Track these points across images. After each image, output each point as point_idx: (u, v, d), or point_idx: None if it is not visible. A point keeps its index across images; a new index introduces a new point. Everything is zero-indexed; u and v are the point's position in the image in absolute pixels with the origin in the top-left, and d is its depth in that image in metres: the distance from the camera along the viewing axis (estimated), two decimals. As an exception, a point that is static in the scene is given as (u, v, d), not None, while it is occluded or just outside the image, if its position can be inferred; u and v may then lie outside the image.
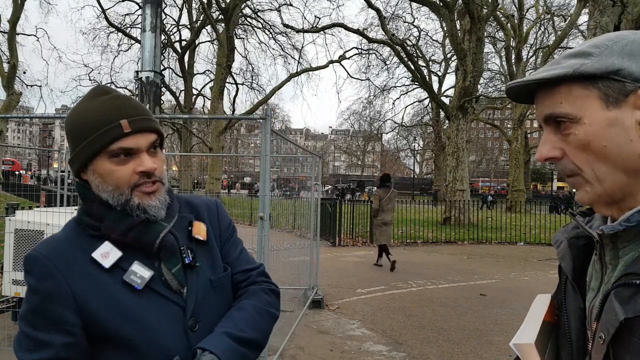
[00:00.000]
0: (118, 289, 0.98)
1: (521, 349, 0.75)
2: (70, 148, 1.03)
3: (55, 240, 1.03)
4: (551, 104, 0.72)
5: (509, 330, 5.37)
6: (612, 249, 0.72)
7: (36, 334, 0.95)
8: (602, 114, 0.67)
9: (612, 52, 0.67)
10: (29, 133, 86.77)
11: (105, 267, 0.98)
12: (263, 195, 3.71)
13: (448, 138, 18.44)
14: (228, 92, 26.35)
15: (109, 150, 0.98)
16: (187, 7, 25.73)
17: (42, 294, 0.96)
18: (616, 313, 0.65)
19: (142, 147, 1.00)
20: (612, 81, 0.67)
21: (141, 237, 1.01)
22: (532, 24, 30.19)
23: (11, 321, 4.80)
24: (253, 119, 8.02)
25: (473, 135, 52.10)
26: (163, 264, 1.03)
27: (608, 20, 10.26)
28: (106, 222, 1.00)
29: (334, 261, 9.85)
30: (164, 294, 1.01)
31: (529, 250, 12.62)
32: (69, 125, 1.03)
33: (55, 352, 0.94)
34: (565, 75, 0.69)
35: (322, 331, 5.36)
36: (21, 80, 26.22)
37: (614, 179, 0.68)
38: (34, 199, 13.87)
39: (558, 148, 0.72)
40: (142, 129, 1.00)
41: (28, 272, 0.98)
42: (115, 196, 1.00)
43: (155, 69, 4.63)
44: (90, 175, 1.02)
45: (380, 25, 21.06)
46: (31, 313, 0.96)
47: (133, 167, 0.99)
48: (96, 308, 0.96)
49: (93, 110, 1.00)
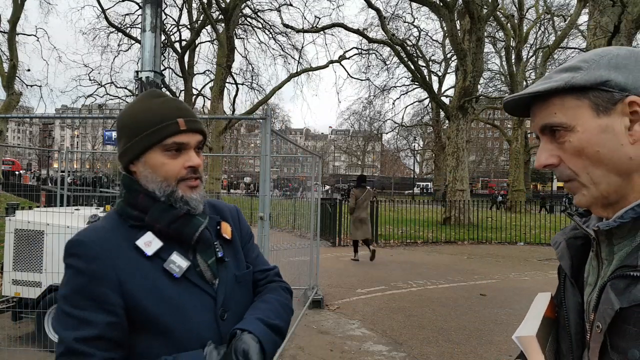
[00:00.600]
0: (158, 276, 1.05)
1: (523, 341, 0.79)
2: (123, 141, 1.11)
3: (99, 228, 1.09)
4: (546, 115, 0.78)
5: (509, 330, 5.37)
6: (607, 245, 0.77)
7: (80, 313, 0.99)
8: (594, 121, 0.73)
9: (600, 66, 0.74)
10: (29, 133, 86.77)
11: (148, 254, 1.05)
12: (263, 195, 3.71)
13: (448, 138, 18.44)
14: (228, 92, 26.37)
15: (164, 144, 1.07)
16: (187, 7, 25.71)
17: (88, 275, 1.01)
18: (612, 303, 0.70)
19: (192, 144, 1.10)
20: (601, 91, 0.73)
21: (182, 229, 1.09)
22: (532, 24, 30.19)
23: (11, 321, 4.80)
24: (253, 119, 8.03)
25: (473, 135, 52.11)
26: (199, 256, 1.12)
27: (608, 20, 10.26)
28: (151, 213, 1.08)
29: (334, 261, 9.85)
30: (198, 284, 1.09)
31: (529, 250, 12.62)
32: (126, 120, 1.11)
33: (98, 330, 0.98)
34: (557, 88, 0.75)
35: (322, 331, 5.36)
36: (21, 80, 26.23)
37: (609, 182, 0.74)
38: (34, 199, 13.88)
39: (555, 155, 0.78)
40: (194, 129, 1.10)
41: (74, 255, 1.03)
42: (162, 187, 1.08)
43: (155, 69, 4.62)
44: (140, 167, 1.10)
45: (380, 25, 21.07)
46: (75, 293, 1.01)
47: (182, 162, 1.09)
48: (138, 292, 1.02)
49: (152, 108, 1.09)
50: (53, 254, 4.32)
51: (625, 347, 0.68)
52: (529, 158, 34.72)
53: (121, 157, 1.12)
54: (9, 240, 4.49)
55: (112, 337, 1.00)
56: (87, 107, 31.18)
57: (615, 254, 0.75)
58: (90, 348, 0.97)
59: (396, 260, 10.29)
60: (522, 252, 12.06)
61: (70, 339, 0.97)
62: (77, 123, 61.35)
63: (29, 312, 4.53)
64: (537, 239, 14.18)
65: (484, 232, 14.40)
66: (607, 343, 0.71)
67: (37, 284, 4.40)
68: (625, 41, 10.41)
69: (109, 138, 28.04)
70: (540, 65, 30.66)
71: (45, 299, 4.32)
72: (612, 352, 0.70)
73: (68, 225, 4.30)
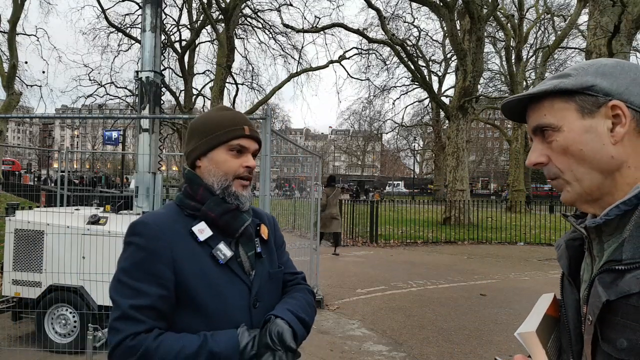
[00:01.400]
0: (206, 261, 1.20)
1: (524, 337, 0.83)
2: (194, 141, 1.30)
3: (160, 214, 1.26)
4: (537, 116, 0.85)
5: (509, 330, 5.37)
6: (598, 242, 0.81)
7: (136, 284, 1.13)
8: (579, 122, 0.80)
9: (587, 73, 0.81)
10: (29, 133, 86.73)
11: (200, 240, 1.21)
12: (263, 195, 3.71)
13: (448, 138, 18.43)
14: (228, 92, 26.32)
15: (230, 144, 1.27)
16: (187, 7, 25.67)
17: (148, 251, 1.15)
18: (600, 296, 0.74)
19: (251, 150, 1.31)
20: (587, 95, 0.80)
21: (232, 221, 1.26)
22: (532, 24, 30.14)
23: (11, 321, 4.80)
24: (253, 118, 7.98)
25: (473, 135, 52.08)
26: (241, 248, 1.28)
27: (608, 20, 10.26)
28: (208, 204, 1.25)
29: (334, 261, 9.84)
30: (237, 273, 1.24)
31: (529, 250, 12.62)
32: (200, 123, 1.31)
33: (151, 301, 1.12)
34: (546, 91, 0.82)
35: (322, 331, 5.36)
36: (21, 80, 26.18)
37: (591, 179, 0.80)
38: (34, 199, 13.87)
39: (544, 155, 0.85)
40: (255, 137, 1.32)
41: (137, 234, 1.18)
42: (221, 181, 1.26)
43: (155, 69, 4.62)
44: (206, 162, 1.28)
45: (380, 25, 21.04)
46: (134, 266, 1.15)
47: (241, 162, 1.28)
48: (188, 272, 1.16)
49: (223, 116, 1.31)
50: (53, 254, 4.32)
51: (614, 338, 0.72)
52: (529, 158, 34.64)
53: (190, 154, 1.30)
54: (9, 240, 4.49)
55: (162, 308, 1.13)
56: (87, 107, 31.13)
57: (605, 251, 0.79)
58: (143, 316, 1.11)
59: (396, 260, 10.29)
60: (522, 252, 12.06)
61: (127, 306, 1.10)
62: (77, 123, 61.35)
63: (29, 312, 4.53)
64: (537, 239, 14.18)
65: (484, 232, 14.40)
66: (598, 334, 0.75)
67: (37, 284, 4.40)
68: (625, 41, 10.40)
69: (109, 138, 28.01)
70: (540, 65, 30.64)
71: (45, 299, 4.32)
72: (602, 342, 0.75)
73: (68, 225, 4.30)
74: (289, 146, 50.79)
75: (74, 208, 5.38)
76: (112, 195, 8.85)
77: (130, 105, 28.15)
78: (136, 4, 23.73)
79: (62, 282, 4.26)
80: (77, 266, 4.22)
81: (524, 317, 0.89)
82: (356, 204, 14.12)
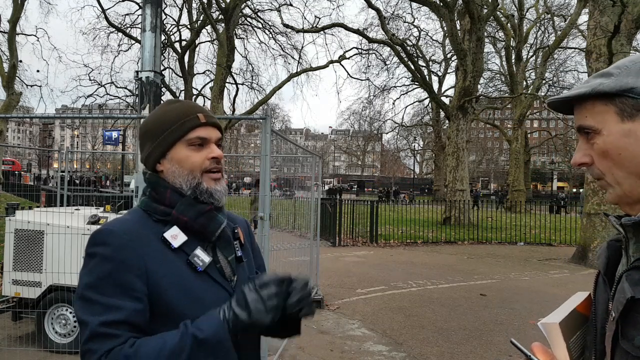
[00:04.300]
0: (183, 269, 1.09)
1: (547, 327, 0.84)
2: (148, 144, 1.17)
3: (126, 220, 1.13)
4: (580, 117, 0.83)
5: (509, 330, 5.37)
6: (635, 242, 0.80)
7: (106, 299, 1.00)
8: (618, 126, 0.78)
9: (630, 72, 0.78)
10: (29, 133, 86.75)
11: (174, 246, 1.10)
12: (263, 195, 3.71)
13: (448, 138, 18.44)
14: (228, 92, 26.33)
15: (188, 139, 1.14)
16: (187, 7, 25.66)
17: (116, 262, 1.03)
18: (625, 292, 0.74)
19: (213, 138, 1.18)
20: (627, 98, 0.77)
21: (208, 223, 1.14)
22: (532, 24, 30.16)
23: (11, 321, 4.80)
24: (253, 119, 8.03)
25: (473, 135, 52.08)
26: (219, 252, 1.17)
27: (608, 20, 10.25)
28: (179, 207, 1.13)
29: (334, 261, 9.84)
30: (217, 280, 1.13)
31: (529, 250, 12.62)
32: (149, 124, 1.19)
33: (125, 316, 1.00)
34: (584, 94, 0.80)
35: (322, 331, 5.36)
36: (21, 80, 26.20)
37: (630, 183, 0.79)
38: (34, 199, 13.87)
39: (588, 155, 0.83)
40: (213, 123, 1.19)
41: (102, 244, 1.05)
42: (188, 180, 1.14)
43: (155, 69, 4.62)
44: (167, 164, 1.16)
45: (380, 25, 21.04)
46: (101, 280, 1.02)
47: (205, 154, 1.16)
48: (164, 283, 1.05)
49: (172, 110, 1.18)
50: (53, 254, 4.32)
51: (634, 335, 0.71)
52: (529, 158, 34.70)
53: (147, 160, 1.18)
54: (9, 240, 4.49)
55: (137, 323, 1.01)
56: (87, 107, 31.13)
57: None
58: (117, 330, 0.98)
59: (396, 260, 10.29)
60: (522, 252, 12.06)
61: (96, 324, 0.98)
62: (77, 123, 61.35)
63: (29, 312, 4.53)
64: (537, 239, 14.18)
65: (484, 232, 14.40)
66: (619, 331, 0.75)
67: (37, 284, 4.40)
68: (625, 41, 10.40)
69: (109, 138, 28.01)
70: (540, 65, 30.66)
71: (45, 299, 4.32)
72: (622, 340, 0.74)
73: (68, 225, 4.30)
74: (289, 146, 50.77)
75: (74, 208, 5.38)
76: (112, 195, 8.86)
77: (130, 105, 28.14)
78: (136, 4, 23.73)
79: (62, 282, 4.26)
80: (77, 266, 4.22)
81: (524, 316, 0.89)
82: (356, 204, 14.12)
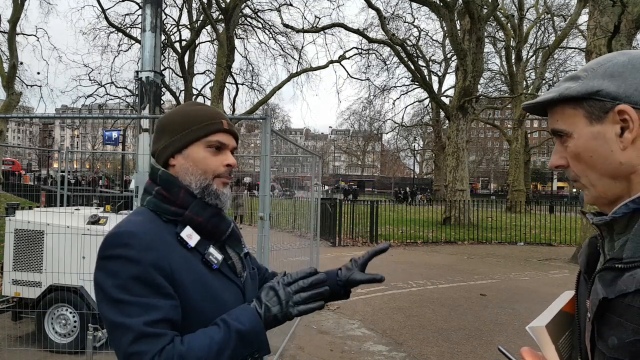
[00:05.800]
0: (200, 268, 1.12)
1: (534, 331, 0.85)
2: (166, 137, 1.18)
3: (140, 221, 1.12)
4: (552, 121, 0.85)
5: (509, 330, 5.37)
6: (609, 240, 0.81)
7: (141, 300, 1.00)
8: (587, 129, 0.79)
9: (596, 75, 0.79)
10: (29, 133, 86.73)
11: (190, 246, 1.12)
12: (263, 195, 3.71)
13: (448, 138, 18.43)
14: (228, 92, 26.31)
15: (208, 140, 1.17)
16: (187, 7, 25.66)
17: (145, 264, 1.02)
18: (598, 293, 0.75)
19: (230, 146, 1.21)
20: (594, 101, 0.78)
21: (220, 224, 1.19)
22: (532, 24, 30.15)
23: (11, 321, 4.80)
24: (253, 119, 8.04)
25: (473, 135, 52.07)
26: (230, 250, 1.22)
27: (608, 20, 10.24)
28: (192, 208, 1.15)
29: (334, 261, 9.84)
30: (229, 276, 1.18)
31: (529, 250, 12.62)
32: (174, 117, 1.20)
33: (164, 313, 1.01)
34: (552, 99, 0.82)
35: (322, 331, 5.36)
36: (21, 80, 26.18)
37: (603, 184, 0.80)
38: (34, 199, 13.87)
39: (564, 157, 0.84)
40: (233, 132, 1.23)
41: (124, 245, 1.04)
42: (200, 179, 1.16)
43: (155, 69, 4.62)
44: (181, 160, 1.17)
45: (380, 25, 21.04)
46: (132, 281, 1.01)
47: (222, 160, 1.19)
48: (186, 282, 1.07)
49: (199, 110, 1.20)
50: (53, 254, 4.32)
51: (608, 336, 0.73)
52: (529, 158, 34.67)
53: (162, 152, 1.18)
54: (9, 240, 4.49)
55: (175, 319, 1.03)
56: (87, 107, 31.12)
57: (615, 249, 0.79)
58: (161, 329, 0.99)
59: (396, 260, 10.28)
60: (522, 252, 12.06)
61: (140, 324, 0.97)
62: (77, 123, 61.32)
63: (29, 312, 4.53)
64: (537, 239, 14.18)
65: (484, 232, 14.40)
66: (595, 332, 0.76)
67: (37, 284, 4.40)
68: (625, 41, 10.39)
69: (109, 138, 28.01)
70: (540, 65, 30.66)
71: (45, 299, 4.32)
72: (598, 340, 0.75)
73: (68, 225, 4.30)
74: (289, 146, 50.76)
75: (74, 208, 5.38)
76: (112, 195, 8.86)
77: (130, 105, 28.14)
78: (136, 4, 23.73)
79: (62, 282, 4.26)
80: (77, 266, 4.22)
81: (524, 317, 0.90)
82: (356, 204, 14.12)
